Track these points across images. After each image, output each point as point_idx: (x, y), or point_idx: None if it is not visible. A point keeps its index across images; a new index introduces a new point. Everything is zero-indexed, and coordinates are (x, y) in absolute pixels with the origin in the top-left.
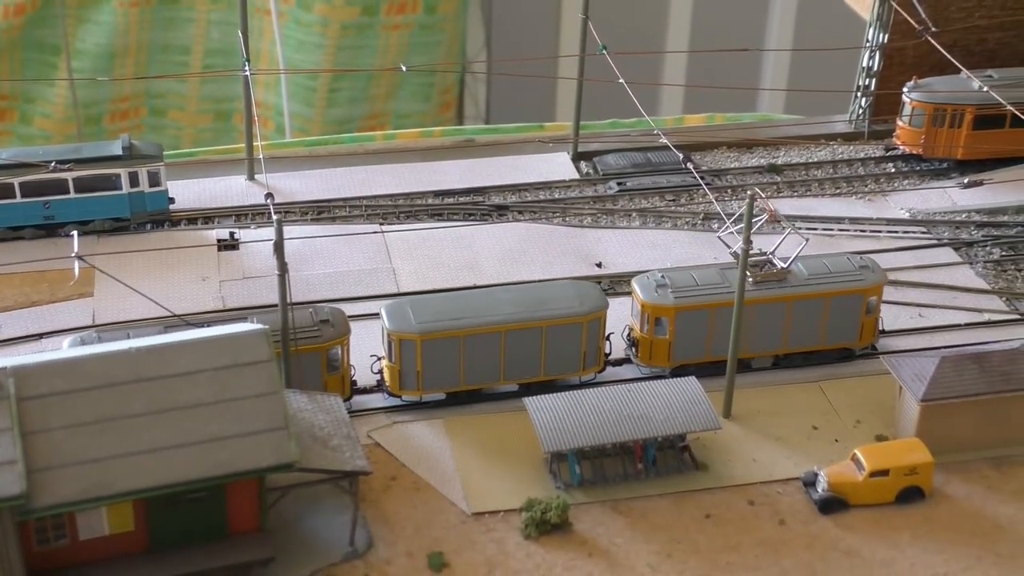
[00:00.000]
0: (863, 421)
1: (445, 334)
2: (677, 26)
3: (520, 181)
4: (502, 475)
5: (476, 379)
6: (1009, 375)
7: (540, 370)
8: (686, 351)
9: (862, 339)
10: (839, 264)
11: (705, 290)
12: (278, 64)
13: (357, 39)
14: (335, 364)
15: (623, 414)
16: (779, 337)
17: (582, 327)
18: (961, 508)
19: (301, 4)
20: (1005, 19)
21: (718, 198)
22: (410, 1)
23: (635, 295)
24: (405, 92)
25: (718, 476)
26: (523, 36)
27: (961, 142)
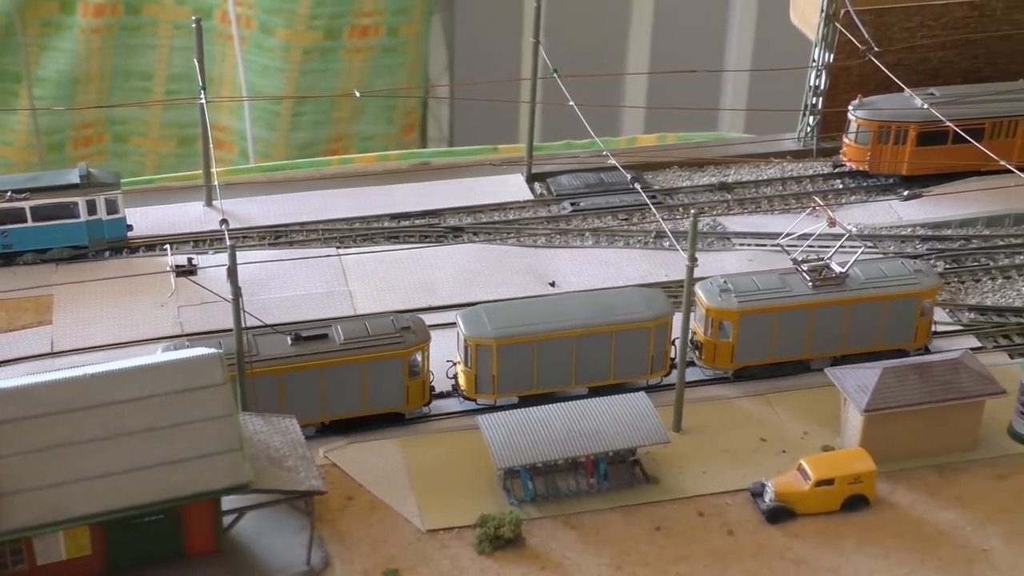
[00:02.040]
0: (810, 432)
1: (520, 339)
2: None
3: (475, 203)
4: (457, 492)
5: (548, 383)
6: (949, 384)
7: (609, 374)
8: (748, 353)
9: (916, 340)
10: (894, 268)
11: (766, 294)
12: (241, 89)
13: (320, 63)
14: (416, 370)
15: (574, 430)
16: (838, 339)
17: (650, 332)
18: (905, 515)
19: (263, 29)
20: (946, 39)
21: (669, 216)
22: (372, 25)
23: (699, 300)
24: (368, 115)
25: (668, 489)
26: (485, 58)
27: (906, 158)
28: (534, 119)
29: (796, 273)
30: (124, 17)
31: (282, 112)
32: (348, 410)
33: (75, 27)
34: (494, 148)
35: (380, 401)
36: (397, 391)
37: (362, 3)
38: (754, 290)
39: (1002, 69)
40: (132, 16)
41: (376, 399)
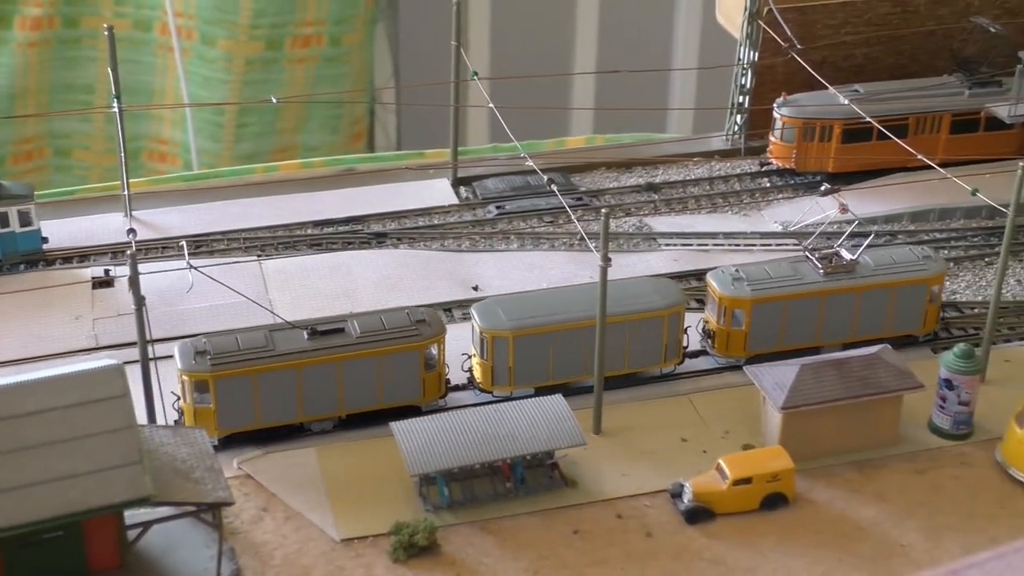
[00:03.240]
0: (731, 431)
1: (536, 331)
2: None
3: (400, 208)
4: (373, 500)
5: (564, 373)
6: (867, 380)
7: (624, 363)
8: (761, 341)
9: (925, 326)
10: (903, 255)
11: (779, 282)
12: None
13: (263, 74)
14: (432, 363)
15: (489, 434)
16: (848, 326)
17: (663, 321)
18: (824, 512)
19: (204, 40)
20: (870, 35)
21: (596, 218)
22: (314, 34)
23: (712, 289)
24: (314, 124)
25: (587, 491)
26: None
27: (831, 155)
28: (457, 123)
29: (806, 261)
30: (62, 30)
31: (226, 123)
32: (365, 404)
33: (12, 41)
34: (420, 153)
35: (397, 394)
36: (414, 384)
37: (304, 13)
38: (766, 278)
39: (926, 65)
40: (70, 29)
41: (393, 392)
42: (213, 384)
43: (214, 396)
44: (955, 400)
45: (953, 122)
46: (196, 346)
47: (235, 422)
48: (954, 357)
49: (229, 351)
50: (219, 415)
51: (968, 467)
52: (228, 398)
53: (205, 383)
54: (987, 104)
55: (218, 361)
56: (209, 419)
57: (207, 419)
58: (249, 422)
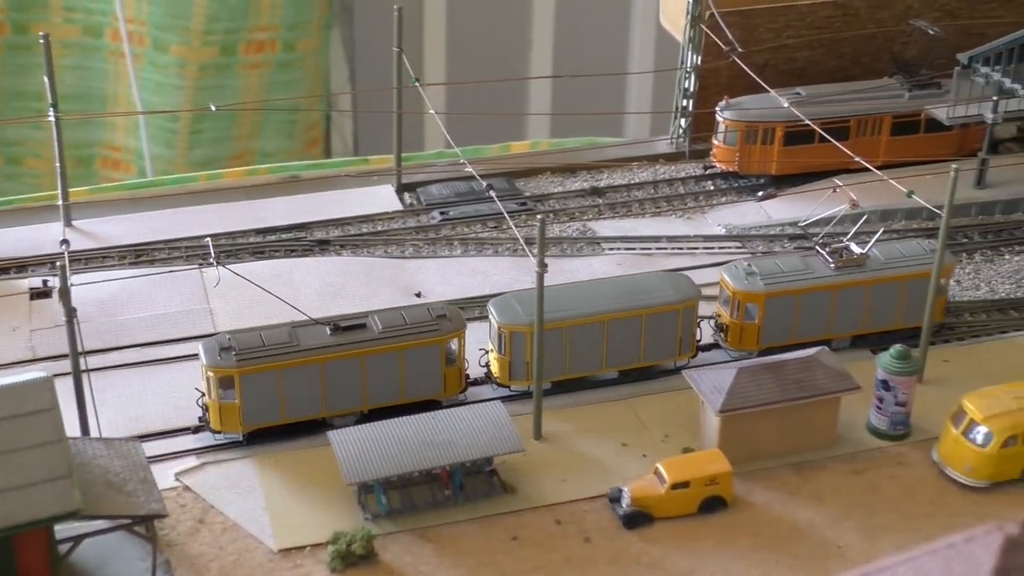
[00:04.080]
0: (671, 435)
1: (553, 325)
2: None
3: (344, 215)
4: (311, 510)
5: (580, 367)
6: (804, 382)
7: (640, 357)
8: (773, 335)
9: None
10: (911, 248)
11: (791, 276)
12: (136, 108)
13: (216, 79)
14: (452, 357)
15: (427, 442)
16: (858, 319)
17: (678, 314)
18: (762, 514)
19: (156, 46)
20: (812, 38)
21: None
22: (268, 40)
23: (725, 283)
24: (269, 131)
25: (527, 497)
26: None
27: (774, 158)
28: (400, 129)
29: (816, 255)
30: (11, 37)
31: (180, 130)
32: (387, 399)
33: None
34: (364, 159)
35: (418, 389)
36: (435, 379)
37: (257, 18)
38: (779, 272)
39: (868, 67)
40: (19, 35)
41: (414, 387)
42: (239, 380)
43: (239, 392)
44: (892, 401)
45: (894, 124)
46: (221, 342)
47: (260, 418)
48: (890, 358)
49: (254, 347)
50: (244, 411)
51: (905, 467)
52: (253, 394)
53: (230, 379)
54: (927, 106)
55: (243, 357)
56: (234, 415)
57: (232, 415)
58: (273, 418)
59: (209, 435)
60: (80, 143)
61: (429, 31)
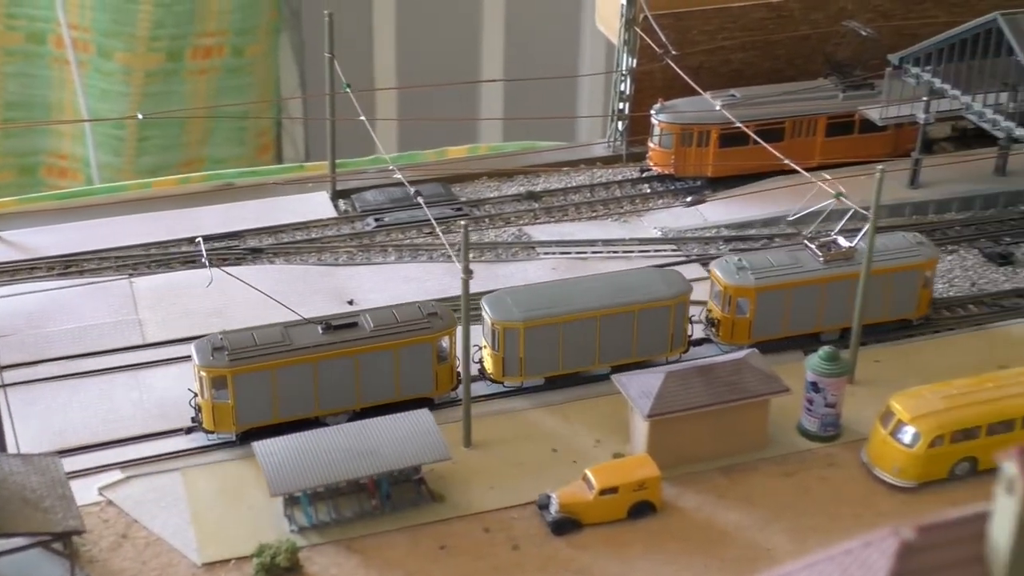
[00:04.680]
0: (602, 440)
1: (546, 321)
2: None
3: (278, 223)
4: (237, 522)
5: (573, 363)
6: (734, 385)
7: (632, 352)
8: (764, 328)
9: (919, 310)
10: (896, 241)
11: (781, 271)
12: (82, 116)
13: (163, 86)
14: (444, 355)
15: (353, 451)
16: (847, 312)
17: (670, 310)
18: (691, 518)
19: (101, 53)
20: (746, 40)
21: (475, 228)
22: (215, 45)
23: (716, 278)
24: (219, 137)
25: (455, 506)
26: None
27: (710, 160)
28: (334, 135)
29: (805, 249)
30: None
31: (127, 137)
32: (380, 397)
33: None
34: (299, 166)
35: (410, 387)
36: (427, 376)
37: (204, 24)
38: (769, 267)
39: (802, 69)
40: None
41: (407, 385)
42: (231, 380)
43: (232, 392)
44: (822, 402)
45: (828, 125)
46: (213, 343)
47: (253, 417)
48: (819, 360)
49: (246, 346)
50: (237, 410)
51: (835, 468)
52: (246, 393)
53: (223, 379)
54: (860, 107)
55: (236, 356)
56: (227, 415)
57: (225, 415)
58: (266, 417)
59: (203, 435)
60: (25, 151)
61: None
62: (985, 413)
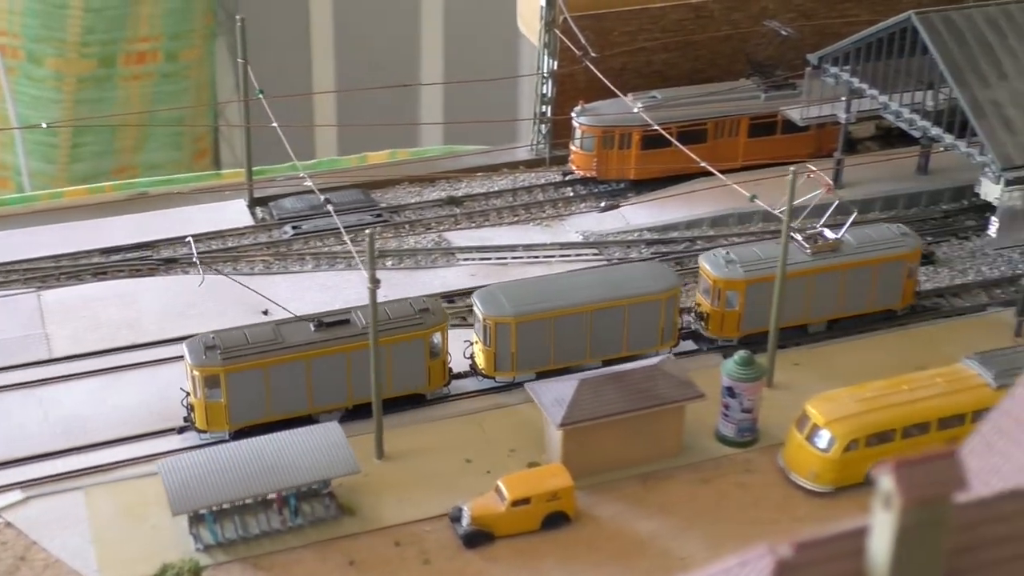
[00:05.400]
0: (518, 449)
1: (538, 316)
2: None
3: (194, 232)
4: (140, 542)
5: (564, 358)
6: (647, 392)
7: (622, 347)
8: (754, 321)
9: (904, 300)
10: (881, 233)
11: (770, 263)
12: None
13: (96, 92)
14: (436, 351)
15: (258, 467)
16: (834, 303)
17: (660, 304)
18: (606, 528)
19: (31, 59)
20: (668, 41)
21: (395, 235)
22: (149, 50)
23: (705, 272)
24: (154, 143)
25: (365, 520)
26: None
27: (632, 163)
28: (249, 142)
29: (791, 242)
30: None
31: (60, 144)
32: (372, 393)
33: None
34: (216, 174)
35: (403, 383)
36: (419, 372)
37: (136, 29)
38: (758, 260)
39: (725, 69)
40: None
41: (399, 381)
42: (224, 378)
43: (225, 390)
44: (738, 407)
45: (751, 125)
46: (205, 342)
47: (246, 415)
48: (735, 365)
49: (239, 345)
50: (230, 409)
51: (752, 474)
52: (239, 392)
53: (216, 378)
54: (782, 107)
55: (229, 355)
56: (220, 414)
57: (218, 414)
58: (259, 415)
59: (195, 435)
60: None
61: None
62: (900, 416)
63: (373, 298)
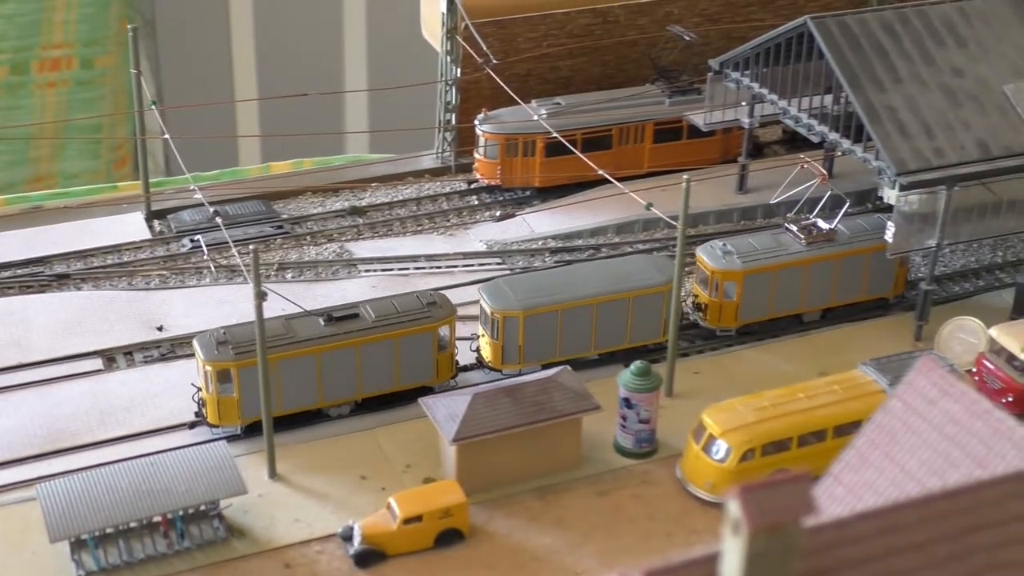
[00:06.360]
0: (414, 465)
1: (545, 309)
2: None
3: (88, 246)
4: (19, 570)
5: (570, 350)
6: (543, 404)
7: (625, 338)
8: (750, 311)
9: (895, 289)
10: (874, 222)
11: (766, 254)
12: None
13: (9, 100)
14: (444, 344)
15: (142, 490)
16: (828, 292)
17: (663, 296)
18: (501, 544)
19: None
20: (574, 47)
21: (295, 245)
22: (63, 57)
23: (703, 263)
24: (71, 151)
25: (255, 541)
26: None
27: (537, 171)
28: (145, 153)
29: (786, 232)
30: None
31: None
32: (381, 387)
33: None
34: (113, 186)
35: (411, 376)
36: (427, 365)
37: (49, 35)
38: (754, 251)
39: (632, 75)
40: None
41: (408, 374)
42: (237, 373)
43: (237, 385)
44: (635, 418)
45: (656, 131)
46: (216, 337)
47: (258, 410)
48: (631, 375)
49: (250, 340)
50: (242, 404)
51: (649, 485)
52: (251, 386)
53: (228, 372)
54: (686, 112)
55: (241, 350)
56: (232, 408)
57: (230, 408)
58: (271, 410)
59: (206, 430)
60: None
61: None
62: (796, 424)
63: (259, 313)
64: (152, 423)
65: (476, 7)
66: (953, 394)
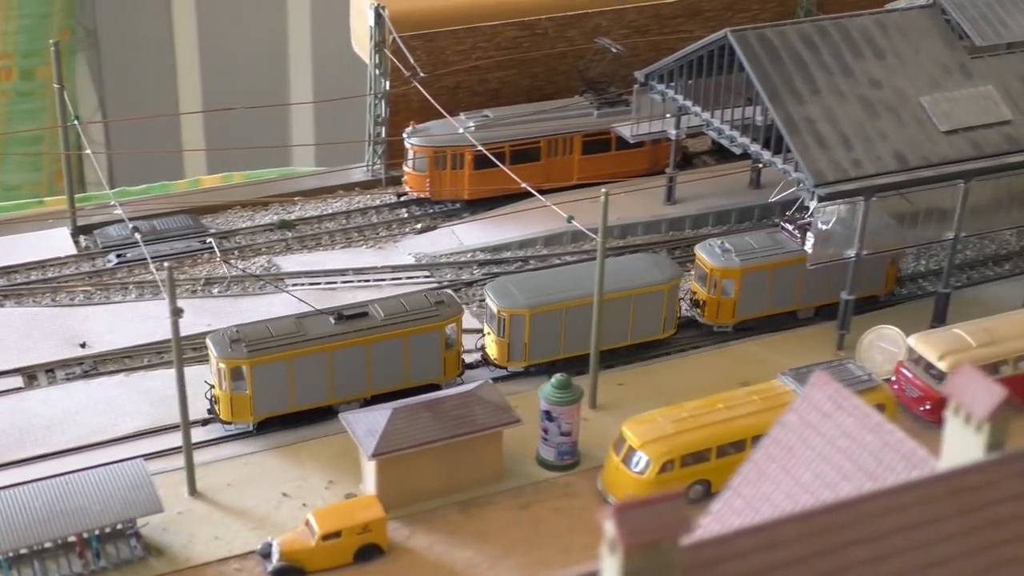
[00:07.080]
0: (336, 481)
1: (550, 307)
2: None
3: (10, 263)
4: None
5: (574, 347)
6: (463, 418)
7: (628, 335)
8: (748, 308)
9: (886, 286)
10: None
11: (763, 252)
12: None
13: None
14: (451, 342)
15: (57, 509)
16: (823, 289)
17: (664, 294)
18: (421, 559)
19: None
20: (502, 59)
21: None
22: (3, 68)
23: (702, 261)
24: (10, 164)
25: (173, 560)
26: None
27: (465, 183)
28: (71, 169)
29: (781, 232)
30: None
31: None
32: (390, 384)
33: None
34: (40, 201)
35: (419, 374)
36: (435, 363)
37: None
38: (752, 249)
39: (562, 87)
40: None
41: (415, 372)
42: (250, 370)
43: (251, 382)
44: (557, 431)
45: (585, 143)
46: (229, 335)
47: (270, 406)
48: (551, 388)
49: (263, 338)
50: (255, 400)
51: (571, 498)
52: (264, 383)
53: (241, 370)
54: (614, 124)
55: (254, 347)
56: (245, 405)
57: (243, 405)
58: (283, 406)
59: (220, 427)
60: None
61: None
62: (715, 435)
63: (175, 329)
64: (73, 441)
65: (403, 20)
66: (847, 408)
